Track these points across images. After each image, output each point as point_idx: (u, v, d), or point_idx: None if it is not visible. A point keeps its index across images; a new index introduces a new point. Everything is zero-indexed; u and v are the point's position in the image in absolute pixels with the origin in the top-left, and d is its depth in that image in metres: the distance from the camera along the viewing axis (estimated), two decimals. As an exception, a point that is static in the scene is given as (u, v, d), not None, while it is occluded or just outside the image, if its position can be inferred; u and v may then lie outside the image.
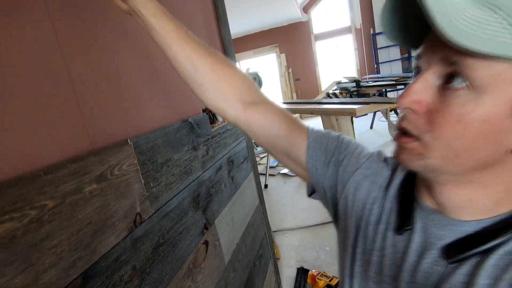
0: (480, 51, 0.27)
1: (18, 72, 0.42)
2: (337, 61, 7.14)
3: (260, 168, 3.73)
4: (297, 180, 3.34)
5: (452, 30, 0.27)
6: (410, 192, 0.43)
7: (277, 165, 3.97)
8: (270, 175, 3.63)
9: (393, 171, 0.47)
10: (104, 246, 0.48)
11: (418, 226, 0.40)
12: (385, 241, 0.43)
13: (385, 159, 0.49)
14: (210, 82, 0.51)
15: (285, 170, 3.70)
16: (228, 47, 1.25)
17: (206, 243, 0.83)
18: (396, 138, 0.37)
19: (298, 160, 0.52)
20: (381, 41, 6.05)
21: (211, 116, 1.07)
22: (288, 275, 1.80)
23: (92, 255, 0.46)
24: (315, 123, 1.92)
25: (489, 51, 0.27)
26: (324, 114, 2.70)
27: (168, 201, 0.68)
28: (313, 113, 2.86)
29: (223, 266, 0.92)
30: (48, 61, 0.46)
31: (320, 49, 7.13)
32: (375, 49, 6.25)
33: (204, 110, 1.00)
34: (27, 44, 0.44)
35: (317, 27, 6.97)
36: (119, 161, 0.54)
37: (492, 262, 0.33)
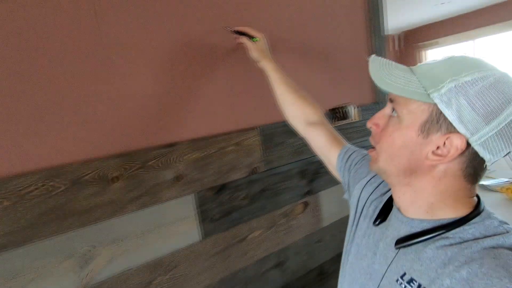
0: (397, 94, 0.46)
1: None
2: None
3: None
4: (497, 197, 2.75)
5: (382, 84, 0.47)
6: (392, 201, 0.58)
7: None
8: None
9: None
10: (233, 177, 0.99)
11: (389, 221, 0.55)
12: (367, 230, 0.59)
13: None
14: (291, 110, 0.87)
15: (487, 182, 3.06)
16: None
17: (305, 203, 1.20)
18: (368, 150, 0.59)
19: (333, 164, 0.78)
20: None
21: (340, 115, 1.36)
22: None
23: (226, 178, 0.97)
24: None
25: (402, 95, 0.45)
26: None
27: (277, 167, 1.10)
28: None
29: (319, 227, 1.24)
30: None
31: None
32: None
33: (330, 110, 1.31)
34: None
35: None
36: (249, 137, 1.02)
37: (429, 254, 0.45)
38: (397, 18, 5.20)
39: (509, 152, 0.43)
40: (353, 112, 1.34)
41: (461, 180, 0.46)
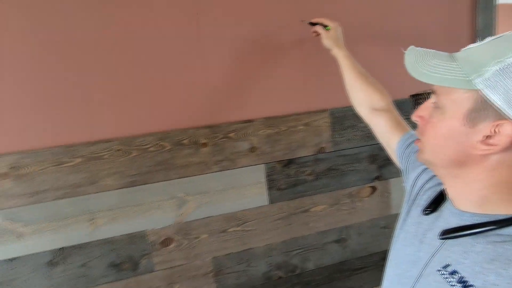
0: (434, 84, 0.44)
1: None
2: None
3: None
4: None
5: (418, 75, 0.45)
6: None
7: None
8: None
9: None
10: (301, 153, 1.10)
11: (440, 212, 0.53)
12: (417, 218, 0.58)
13: None
14: (357, 97, 0.89)
15: None
16: None
17: (373, 187, 1.21)
18: (414, 141, 0.58)
19: (393, 150, 0.78)
20: None
21: (423, 101, 1.28)
22: None
23: (295, 154, 1.09)
24: None
25: (441, 84, 0.44)
26: None
27: (345, 149, 1.16)
28: None
29: (387, 213, 1.24)
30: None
31: None
32: None
33: (412, 96, 1.25)
34: (292, 64, 1.08)
35: None
36: (319, 118, 1.11)
37: (478, 249, 0.44)
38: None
39: None
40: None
41: None
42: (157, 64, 0.95)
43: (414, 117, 0.53)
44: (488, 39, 0.44)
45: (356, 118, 1.15)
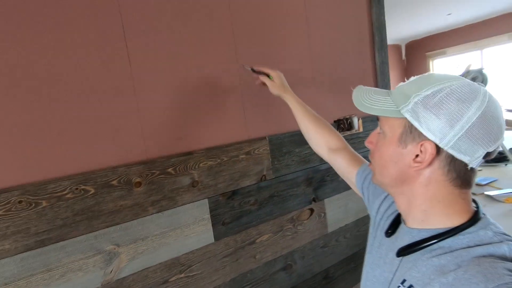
0: (373, 114, 0.54)
1: (224, 105, 1.05)
2: None
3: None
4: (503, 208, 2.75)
5: (362, 107, 0.55)
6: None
7: (486, 184, 3.33)
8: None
9: None
10: (243, 183, 1.06)
11: (398, 232, 0.58)
12: (381, 241, 0.63)
13: None
14: (314, 138, 0.92)
15: (493, 192, 3.06)
16: (378, 29, 1.44)
17: (311, 210, 1.26)
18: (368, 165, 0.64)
19: (354, 184, 0.82)
20: None
21: (345, 125, 1.42)
22: None
23: (238, 184, 1.04)
24: None
25: (379, 114, 0.53)
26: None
27: (285, 174, 1.18)
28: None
29: (325, 232, 1.30)
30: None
31: None
32: None
33: (335, 121, 1.38)
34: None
35: None
36: (259, 146, 1.10)
37: (425, 262, 0.49)
38: (403, 28, 5.26)
39: (487, 153, 0.46)
40: (357, 123, 1.41)
41: (447, 185, 0.49)
42: (74, 90, 0.79)
43: (366, 143, 0.60)
44: (412, 78, 0.54)
45: (292, 143, 1.20)
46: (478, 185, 3.36)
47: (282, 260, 1.18)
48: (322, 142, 0.91)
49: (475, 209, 0.52)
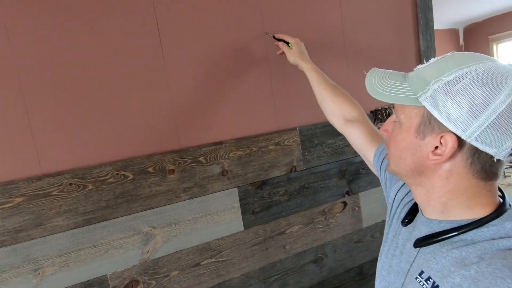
0: (387, 101, 0.50)
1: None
2: None
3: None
4: None
5: (375, 94, 0.51)
6: None
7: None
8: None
9: None
10: (273, 174, 1.07)
11: (415, 222, 0.56)
12: (398, 230, 0.61)
13: None
14: (329, 107, 0.90)
15: None
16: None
17: (344, 203, 1.22)
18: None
19: (370, 162, 0.79)
20: None
21: (383, 116, 1.35)
22: None
23: (267, 175, 1.06)
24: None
25: (394, 102, 0.49)
26: None
27: (316, 166, 1.16)
28: None
29: (359, 227, 1.26)
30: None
31: None
32: None
33: (372, 111, 1.31)
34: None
35: None
36: (289, 137, 1.09)
37: (445, 254, 0.47)
38: (460, 10, 4.75)
39: None
40: (397, 114, 1.32)
41: (470, 178, 0.46)
42: (115, 84, 0.86)
43: (381, 131, 0.57)
44: (432, 60, 0.49)
45: (324, 135, 1.17)
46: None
47: (312, 252, 1.17)
48: (337, 111, 0.87)
49: (501, 199, 0.48)
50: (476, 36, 5.88)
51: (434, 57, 0.51)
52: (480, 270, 0.41)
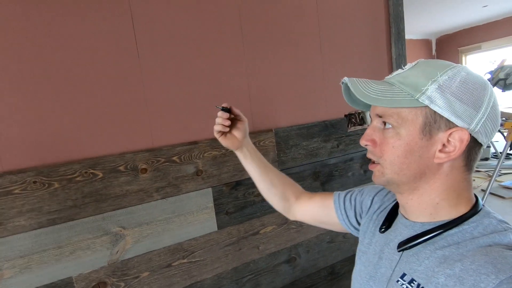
0: (385, 106, 0.47)
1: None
2: None
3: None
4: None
5: (369, 100, 0.47)
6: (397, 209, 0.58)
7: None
8: (493, 194, 3.00)
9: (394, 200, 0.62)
10: (248, 174, 1.07)
11: (394, 227, 0.56)
12: (373, 238, 0.61)
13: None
14: (279, 192, 0.84)
15: None
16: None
17: (318, 204, 1.25)
18: (369, 166, 0.59)
19: (333, 217, 0.73)
20: None
21: (356, 120, 1.39)
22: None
23: (242, 175, 1.06)
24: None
25: (394, 106, 0.46)
26: None
27: (292, 167, 1.17)
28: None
29: (332, 227, 1.29)
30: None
31: None
32: None
33: (346, 115, 1.35)
34: (236, 85, 1.07)
35: None
36: (265, 139, 1.10)
37: (428, 255, 0.47)
38: (434, 22, 5.00)
39: (498, 130, 0.45)
40: (369, 118, 1.37)
41: (463, 171, 0.48)
42: (87, 80, 0.84)
43: (365, 142, 0.52)
44: (409, 65, 0.50)
45: (299, 137, 1.19)
46: (507, 188, 3.17)
47: (286, 252, 1.18)
48: (290, 193, 0.83)
49: (475, 198, 0.50)
50: (448, 46, 6.20)
51: (404, 65, 0.51)
52: (464, 268, 0.41)
